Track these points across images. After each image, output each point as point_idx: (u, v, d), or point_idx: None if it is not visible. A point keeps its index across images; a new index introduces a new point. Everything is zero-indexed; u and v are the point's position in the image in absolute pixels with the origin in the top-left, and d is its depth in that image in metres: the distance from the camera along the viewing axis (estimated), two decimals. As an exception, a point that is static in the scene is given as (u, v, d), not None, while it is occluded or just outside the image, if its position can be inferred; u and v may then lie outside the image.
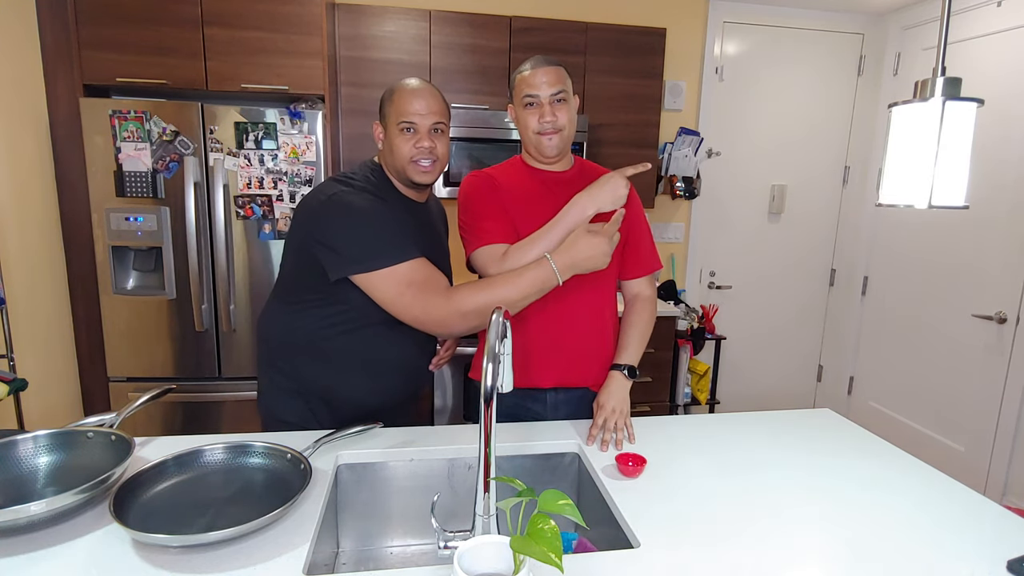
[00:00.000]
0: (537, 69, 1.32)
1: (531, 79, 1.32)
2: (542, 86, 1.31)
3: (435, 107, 1.24)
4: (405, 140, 1.22)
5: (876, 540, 0.92)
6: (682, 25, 3.10)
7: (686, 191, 3.10)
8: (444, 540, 0.83)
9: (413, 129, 1.22)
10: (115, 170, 2.25)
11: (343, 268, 1.16)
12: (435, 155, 1.25)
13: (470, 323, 1.18)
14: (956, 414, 2.73)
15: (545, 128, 1.33)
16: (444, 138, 1.28)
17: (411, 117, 1.21)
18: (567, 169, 1.44)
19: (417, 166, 1.24)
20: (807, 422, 1.37)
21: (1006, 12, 2.50)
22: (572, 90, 1.38)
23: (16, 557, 0.81)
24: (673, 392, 3.00)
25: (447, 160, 1.31)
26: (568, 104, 1.34)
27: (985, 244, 2.59)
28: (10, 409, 2.04)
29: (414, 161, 1.23)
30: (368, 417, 1.27)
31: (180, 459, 1.02)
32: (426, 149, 1.23)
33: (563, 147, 1.37)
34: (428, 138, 1.23)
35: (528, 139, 1.38)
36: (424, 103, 1.22)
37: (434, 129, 1.25)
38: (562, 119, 1.33)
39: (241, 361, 2.45)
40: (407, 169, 1.24)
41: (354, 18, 2.56)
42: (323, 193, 1.20)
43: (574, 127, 1.39)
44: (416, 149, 1.22)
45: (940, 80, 0.97)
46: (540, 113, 1.32)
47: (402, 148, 1.22)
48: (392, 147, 1.24)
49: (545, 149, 1.36)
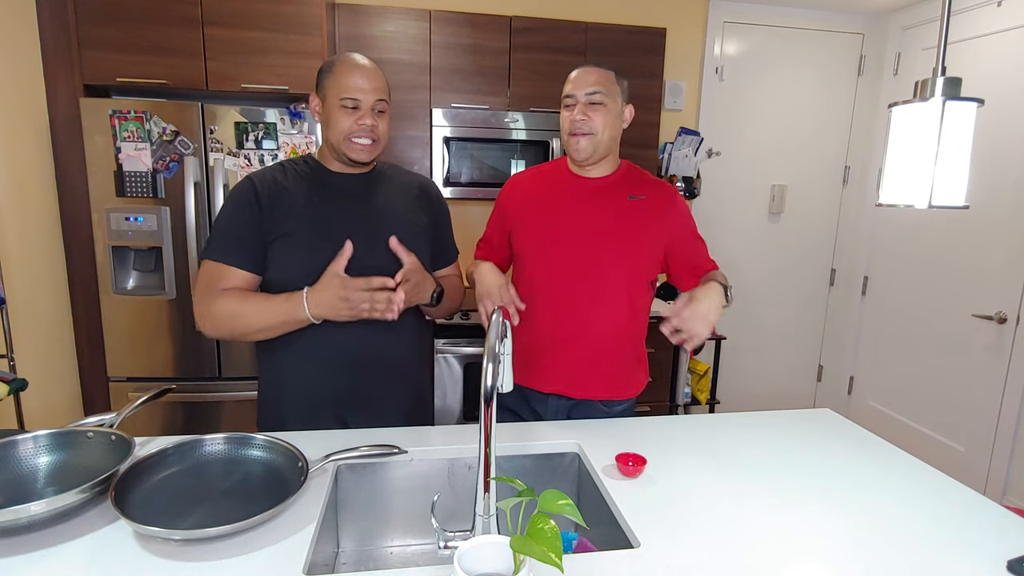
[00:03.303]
0: (581, 69, 1.31)
1: (573, 78, 1.31)
2: (579, 84, 1.30)
3: (378, 84, 1.22)
4: (346, 116, 1.20)
5: (876, 540, 0.92)
6: (682, 25, 3.10)
7: (686, 191, 3.11)
8: (444, 540, 0.83)
9: (356, 106, 1.21)
10: (115, 170, 2.25)
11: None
12: (376, 134, 1.24)
13: (219, 328, 1.20)
14: (956, 414, 2.73)
15: (575, 129, 1.30)
16: (385, 117, 1.26)
17: (354, 93, 1.19)
18: (608, 174, 1.40)
19: (354, 143, 1.22)
20: (807, 422, 1.37)
21: (1006, 12, 2.50)
22: (621, 97, 1.33)
23: (16, 557, 0.81)
24: (673, 392, 3.00)
25: (387, 140, 1.29)
26: (605, 108, 1.30)
27: (985, 244, 2.59)
28: (10, 409, 2.04)
29: (351, 138, 1.22)
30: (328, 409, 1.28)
31: (180, 448, 1.03)
32: (368, 127, 1.21)
33: (593, 152, 1.33)
34: (370, 116, 1.22)
35: (564, 141, 1.35)
36: (368, 80, 1.21)
37: (377, 110, 1.23)
38: (595, 122, 1.29)
39: (241, 361, 2.45)
40: (342, 145, 1.23)
41: (354, 18, 2.56)
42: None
43: (611, 133, 1.33)
44: (358, 126, 1.21)
45: (940, 80, 0.96)
46: (573, 112, 1.30)
47: (342, 123, 1.21)
48: (330, 121, 1.22)
49: (573, 151, 1.33)
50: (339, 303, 1.16)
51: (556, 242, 1.37)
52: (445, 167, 2.69)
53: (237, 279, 1.21)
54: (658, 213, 1.37)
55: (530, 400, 1.44)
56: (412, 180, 1.41)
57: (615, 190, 1.38)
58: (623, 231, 1.35)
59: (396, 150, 2.69)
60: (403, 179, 1.39)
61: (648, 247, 1.36)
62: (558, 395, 1.41)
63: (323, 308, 1.17)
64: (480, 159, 2.72)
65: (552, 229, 1.38)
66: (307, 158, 1.33)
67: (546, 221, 1.38)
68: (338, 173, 1.31)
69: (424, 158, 2.71)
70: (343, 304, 1.16)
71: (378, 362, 1.31)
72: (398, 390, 1.35)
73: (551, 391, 1.41)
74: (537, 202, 1.42)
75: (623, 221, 1.35)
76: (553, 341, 1.38)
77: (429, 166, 2.70)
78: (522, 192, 1.47)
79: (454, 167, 2.70)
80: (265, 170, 1.30)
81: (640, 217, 1.36)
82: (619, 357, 1.41)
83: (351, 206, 1.29)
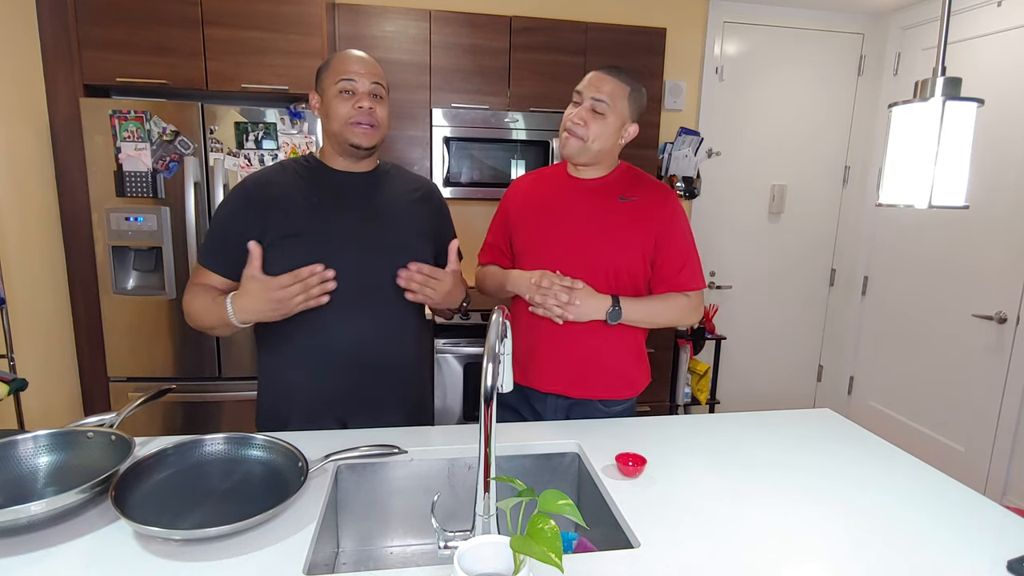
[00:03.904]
0: (601, 72, 1.32)
1: (590, 77, 1.33)
2: (591, 87, 1.31)
3: (373, 69, 1.24)
4: (344, 101, 1.21)
5: (876, 540, 0.92)
6: (682, 25, 3.10)
7: (686, 191, 3.11)
8: (444, 540, 0.83)
9: (352, 91, 1.21)
10: (115, 170, 2.25)
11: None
12: (374, 118, 1.23)
13: (192, 321, 1.24)
14: (956, 414, 2.73)
15: (569, 127, 1.32)
16: (384, 104, 1.27)
17: (349, 75, 1.21)
18: (602, 176, 1.41)
19: (355, 127, 1.22)
20: (807, 422, 1.37)
21: (1006, 12, 2.50)
22: (628, 114, 1.34)
23: (16, 557, 0.81)
24: (673, 392, 3.01)
25: (387, 128, 1.30)
26: (604, 120, 1.31)
27: (985, 244, 2.59)
28: (10, 409, 2.04)
29: (350, 122, 1.22)
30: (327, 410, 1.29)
31: (180, 448, 1.03)
32: (365, 110, 1.21)
33: (579, 154, 1.34)
34: (367, 99, 1.22)
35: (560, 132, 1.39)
36: (362, 65, 1.22)
37: (374, 94, 1.23)
38: (590, 129, 1.30)
39: (241, 361, 2.45)
40: (344, 131, 1.22)
41: (354, 18, 2.56)
42: None
43: (602, 145, 1.33)
44: (355, 110, 1.21)
45: (940, 80, 0.97)
46: (575, 112, 1.32)
47: (340, 109, 1.21)
48: (330, 111, 1.23)
49: (561, 145, 1.36)
50: (265, 306, 1.13)
51: (551, 242, 1.38)
52: (445, 167, 2.69)
53: (211, 280, 1.26)
54: (647, 214, 1.37)
55: (530, 398, 1.45)
56: (415, 181, 1.41)
57: (608, 191, 1.39)
58: (612, 232, 1.35)
59: (396, 150, 2.69)
60: (406, 180, 1.39)
61: (636, 248, 1.36)
62: (557, 394, 1.41)
63: (250, 314, 1.15)
64: (480, 159, 2.72)
65: (547, 229, 1.39)
66: (308, 157, 1.33)
67: (542, 222, 1.39)
68: (340, 171, 1.30)
69: (424, 158, 2.71)
70: (270, 306, 1.13)
71: (378, 363, 1.31)
72: (398, 391, 1.35)
73: (550, 391, 1.41)
74: (535, 203, 1.44)
75: (612, 222, 1.36)
76: (551, 341, 1.39)
77: (429, 166, 2.70)
78: (522, 194, 1.49)
79: (454, 167, 2.70)
80: (263, 171, 1.30)
81: (629, 218, 1.36)
82: (617, 357, 1.41)
83: (352, 204, 1.28)
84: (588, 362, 1.39)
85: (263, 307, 1.13)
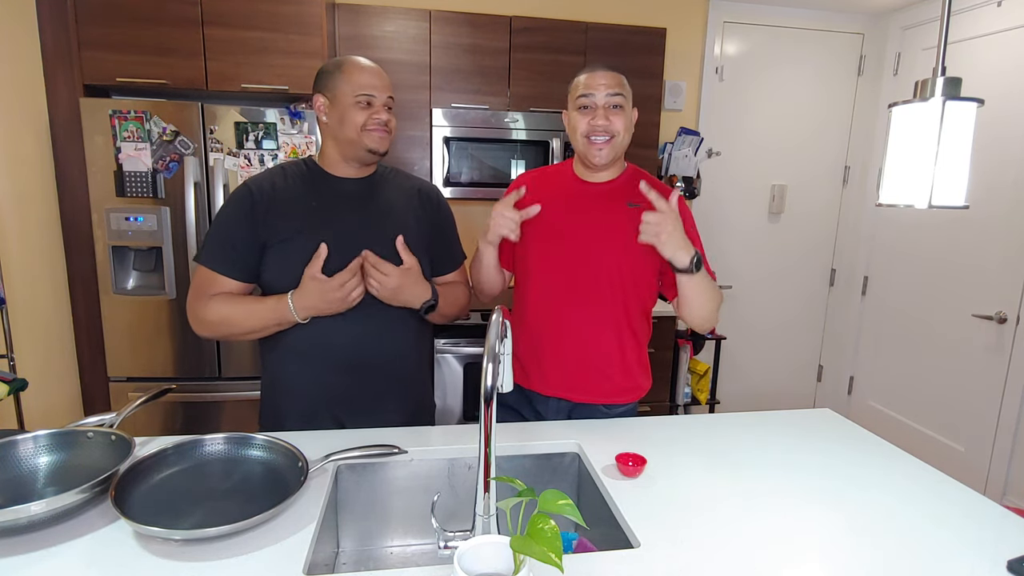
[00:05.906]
0: (596, 72, 1.30)
1: (589, 81, 1.30)
2: (599, 87, 1.28)
3: (388, 83, 1.31)
4: (361, 111, 1.26)
5: (876, 540, 0.92)
6: (682, 25, 3.10)
7: (686, 191, 3.10)
8: (444, 540, 0.83)
9: (371, 103, 1.27)
10: (115, 170, 2.25)
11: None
12: (389, 128, 1.30)
13: (211, 331, 1.27)
14: (956, 414, 2.73)
15: (596, 130, 1.29)
16: (393, 113, 1.34)
17: (369, 91, 1.26)
18: (613, 178, 1.39)
19: (372, 131, 1.27)
20: (807, 422, 1.37)
21: (1006, 12, 2.50)
22: (632, 102, 1.34)
23: (16, 557, 0.81)
24: (673, 392, 3.00)
25: (395, 135, 1.37)
26: (624, 112, 1.30)
27: (985, 244, 2.59)
28: (10, 409, 2.04)
29: (367, 128, 1.26)
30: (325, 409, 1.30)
31: (180, 448, 1.04)
32: (382, 121, 1.28)
33: (614, 156, 1.33)
34: (384, 112, 1.28)
35: (577, 144, 1.34)
36: (380, 80, 1.29)
37: (387, 107, 1.30)
38: (616, 124, 1.29)
39: (241, 361, 2.45)
40: (363, 137, 1.27)
41: (354, 18, 2.56)
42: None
43: (628, 137, 1.33)
44: (372, 120, 1.27)
45: (940, 80, 0.96)
46: (593, 116, 1.29)
47: (357, 118, 1.26)
48: (344, 119, 1.26)
49: (593, 156, 1.31)
50: (322, 304, 1.21)
51: (555, 245, 1.37)
52: (445, 167, 2.69)
53: (228, 286, 1.26)
54: None
55: (532, 400, 1.44)
56: (413, 184, 1.41)
57: (616, 196, 1.37)
58: (618, 238, 1.34)
59: (396, 150, 2.69)
60: (404, 183, 1.40)
61: (642, 255, 1.34)
62: (558, 398, 1.41)
63: (310, 311, 1.22)
64: (480, 159, 2.72)
65: (552, 232, 1.38)
66: (306, 160, 1.34)
67: (547, 224, 1.38)
68: (338, 177, 1.32)
69: (424, 158, 2.71)
70: (333, 306, 1.22)
71: (379, 364, 1.31)
72: (398, 391, 1.35)
73: (552, 395, 1.40)
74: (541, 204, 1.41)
75: (619, 228, 1.34)
76: (553, 345, 1.38)
77: (429, 166, 2.70)
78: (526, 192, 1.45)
79: (454, 167, 2.70)
80: (264, 174, 1.31)
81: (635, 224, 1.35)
82: (620, 363, 1.40)
83: (350, 209, 1.30)
84: (591, 366, 1.38)
85: (324, 306, 1.21)
